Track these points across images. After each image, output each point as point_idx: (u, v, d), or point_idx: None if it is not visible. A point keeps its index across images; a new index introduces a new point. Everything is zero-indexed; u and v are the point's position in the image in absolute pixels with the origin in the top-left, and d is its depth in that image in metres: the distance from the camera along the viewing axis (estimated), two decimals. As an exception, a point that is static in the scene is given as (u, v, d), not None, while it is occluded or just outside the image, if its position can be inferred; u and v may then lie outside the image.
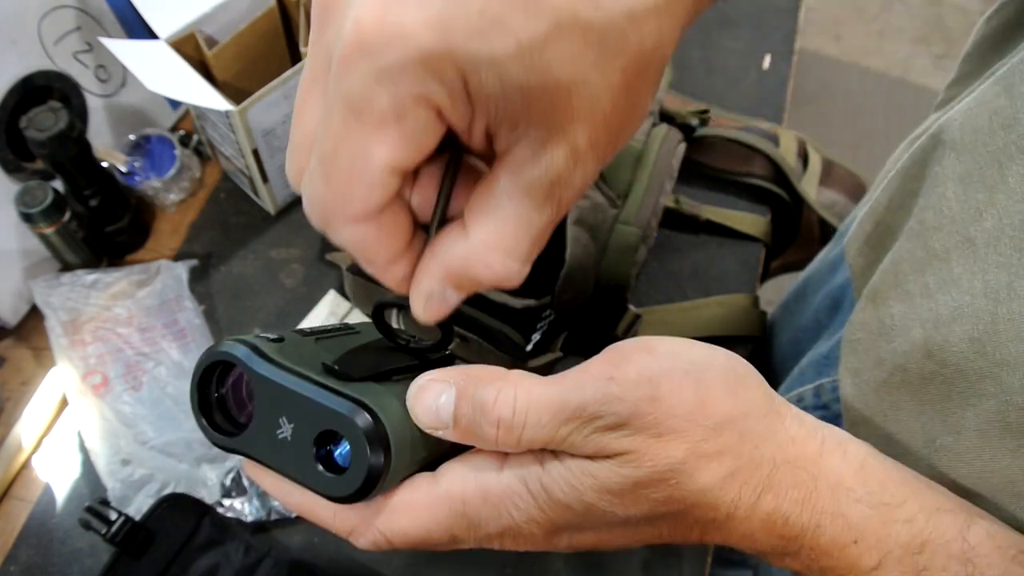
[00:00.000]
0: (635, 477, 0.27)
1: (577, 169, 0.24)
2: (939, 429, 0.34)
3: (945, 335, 0.33)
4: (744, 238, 0.80)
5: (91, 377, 0.70)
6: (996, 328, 0.30)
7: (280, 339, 0.31)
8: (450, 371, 0.30)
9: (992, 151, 0.32)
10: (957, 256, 0.33)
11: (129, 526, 0.59)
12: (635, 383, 0.27)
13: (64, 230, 0.70)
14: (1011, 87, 0.32)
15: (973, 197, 0.32)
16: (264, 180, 0.76)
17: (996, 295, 0.30)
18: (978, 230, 0.32)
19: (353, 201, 0.25)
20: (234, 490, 0.65)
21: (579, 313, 0.70)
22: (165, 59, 0.69)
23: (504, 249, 0.25)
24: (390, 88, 0.22)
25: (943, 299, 0.33)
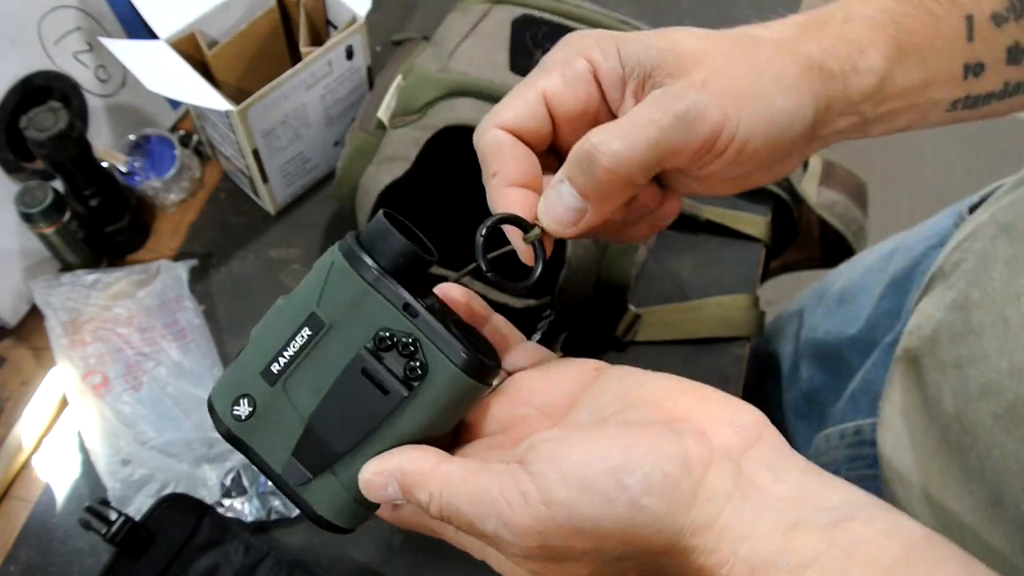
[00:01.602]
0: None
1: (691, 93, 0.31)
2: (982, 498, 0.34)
3: (975, 410, 0.34)
4: (744, 238, 0.80)
5: (91, 377, 0.70)
6: (1018, 408, 0.31)
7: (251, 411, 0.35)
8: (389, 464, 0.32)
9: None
10: (991, 334, 0.34)
11: (129, 526, 0.59)
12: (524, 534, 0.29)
13: (64, 230, 0.70)
14: None
15: (1016, 281, 0.34)
16: (264, 180, 0.76)
17: (1019, 375, 0.31)
18: (1013, 311, 0.33)
19: (507, 109, 0.33)
20: (234, 490, 0.65)
21: (579, 313, 0.70)
22: (165, 59, 0.69)
23: (617, 133, 0.31)
24: (567, 49, 0.34)
25: (972, 373, 0.34)
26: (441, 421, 0.34)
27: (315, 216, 0.81)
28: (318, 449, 0.34)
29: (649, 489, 0.29)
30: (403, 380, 0.33)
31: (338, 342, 0.33)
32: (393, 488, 0.32)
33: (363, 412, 0.33)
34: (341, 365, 0.33)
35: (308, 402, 0.34)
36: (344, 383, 0.33)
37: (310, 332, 0.34)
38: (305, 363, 0.34)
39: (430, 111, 0.65)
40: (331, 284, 0.33)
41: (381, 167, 0.66)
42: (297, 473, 0.34)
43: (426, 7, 0.95)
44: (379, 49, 0.91)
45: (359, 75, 0.77)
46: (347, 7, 0.73)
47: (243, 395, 0.35)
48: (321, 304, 0.33)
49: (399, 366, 0.33)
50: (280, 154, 0.76)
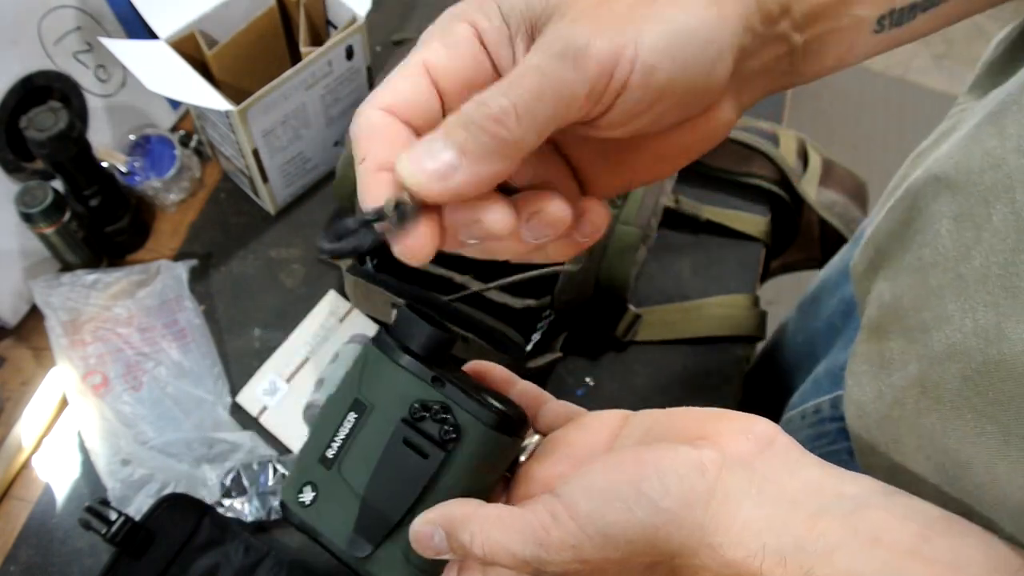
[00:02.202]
0: None
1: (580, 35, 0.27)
2: (945, 461, 0.34)
3: (940, 373, 0.33)
4: (744, 238, 0.80)
5: (91, 377, 0.70)
6: (988, 369, 0.31)
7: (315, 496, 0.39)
8: (434, 514, 0.34)
9: (981, 190, 0.32)
10: (950, 294, 0.33)
11: (129, 526, 0.59)
12: (559, 549, 0.31)
13: (64, 230, 0.70)
14: (1003, 128, 0.32)
15: (964, 235, 0.33)
16: (264, 180, 0.76)
17: (986, 335, 0.31)
18: (968, 268, 0.32)
19: (385, 88, 0.29)
20: (234, 490, 0.65)
21: (579, 313, 0.70)
22: (165, 59, 0.69)
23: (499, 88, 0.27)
24: (447, 16, 0.30)
25: (937, 336, 0.34)
26: (480, 476, 0.37)
27: (315, 216, 0.81)
28: (375, 521, 0.37)
29: (666, 492, 0.30)
30: (440, 443, 0.36)
31: (380, 419, 0.37)
32: (439, 536, 0.34)
33: (409, 478, 0.36)
34: (385, 439, 0.37)
35: (362, 478, 0.37)
36: (389, 454, 0.37)
37: (356, 415, 0.37)
38: (355, 444, 0.37)
39: (430, 111, 0.65)
40: (368, 371, 0.37)
41: (381, 167, 0.66)
42: (360, 546, 0.38)
43: (426, 7, 0.95)
44: (379, 49, 0.91)
45: (359, 75, 0.77)
46: (347, 7, 0.73)
47: (306, 483, 0.39)
48: (361, 390, 0.37)
49: (435, 431, 0.36)
50: (280, 154, 0.76)
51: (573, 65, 0.27)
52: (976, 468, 0.32)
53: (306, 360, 0.72)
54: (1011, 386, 0.30)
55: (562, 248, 0.32)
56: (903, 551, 0.29)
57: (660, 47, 0.27)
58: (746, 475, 0.31)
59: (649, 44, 0.27)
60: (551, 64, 0.27)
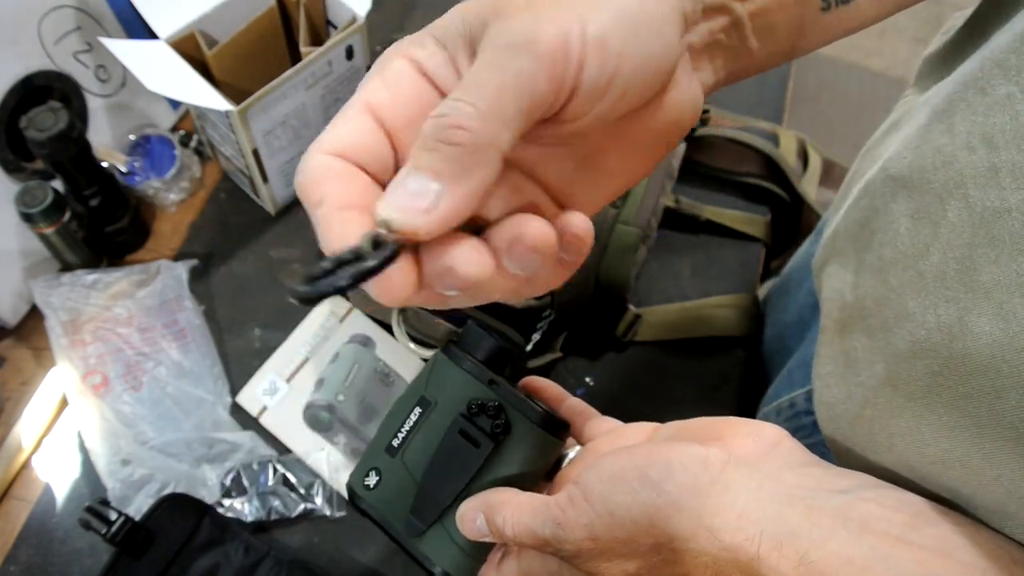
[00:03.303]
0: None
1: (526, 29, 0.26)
2: (920, 459, 0.34)
3: (908, 370, 0.34)
4: (744, 238, 0.80)
5: (91, 377, 0.70)
6: (954, 364, 0.31)
7: (378, 480, 0.43)
8: (476, 501, 0.39)
9: (935, 188, 0.33)
10: (910, 291, 0.34)
11: (129, 526, 0.59)
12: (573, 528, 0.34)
13: (64, 230, 0.70)
14: (952, 126, 0.32)
15: (921, 233, 0.33)
16: (264, 180, 0.76)
17: (950, 330, 0.31)
18: (927, 265, 0.33)
19: (329, 132, 0.28)
20: (234, 490, 0.65)
21: (579, 313, 0.70)
22: (165, 59, 0.69)
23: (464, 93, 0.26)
24: (382, 57, 0.29)
25: (900, 334, 0.34)
26: (523, 469, 0.41)
27: (315, 216, 0.81)
28: (429, 504, 0.41)
29: (669, 476, 0.33)
30: (491, 435, 0.40)
31: (441, 414, 0.42)
32: (480, 520, 0.38)
33: (461, 466, 0.41)
34: (443, 430, 0.41)
35: (420, 465, 0.42)
36: (446, 444, 0.41)
37: (420, 410, 0.42)
38: (417, 435, 0.42)
39: (430, 111, 0.65)
40: (435, 373, 0.43)
41: (381, 167, 0.66)
42: (414, 527, 0.42)
43: (426, 7, 0.95)
44: (379, 49, 0.91)
45: (359, 75, 0.77)
46: (347, 7, 0.73)
47: (372, 468, 0.43)
48: (428, 389, 0.43)
49: (487, 426, 0.41)
50: (280, 154, 0.76)
51: (525, 53, 0.26)
52: (951, 463, 0.32)
53: (306, 360, 0.72)
54: (980, 380, 0.30)
55: (551, 275, 0.31)
56: (892, 538, 0.30)
57: (605, 19, 0.27)
58: (749, 471, 0.33)
59: (594, 19, 0.27)
60: (503, 56, 0.26)
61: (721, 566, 0.32)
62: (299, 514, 0.66)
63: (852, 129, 2.04)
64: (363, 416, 0.67)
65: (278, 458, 0.67)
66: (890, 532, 0.30)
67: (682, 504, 0.32)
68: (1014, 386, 0.29)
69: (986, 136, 0.30)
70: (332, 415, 0.66)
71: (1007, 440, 0.30)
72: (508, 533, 0.36)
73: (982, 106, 0.31)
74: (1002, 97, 0.30)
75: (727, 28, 0.33)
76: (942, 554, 0.30)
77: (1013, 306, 0.29)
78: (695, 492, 0.32)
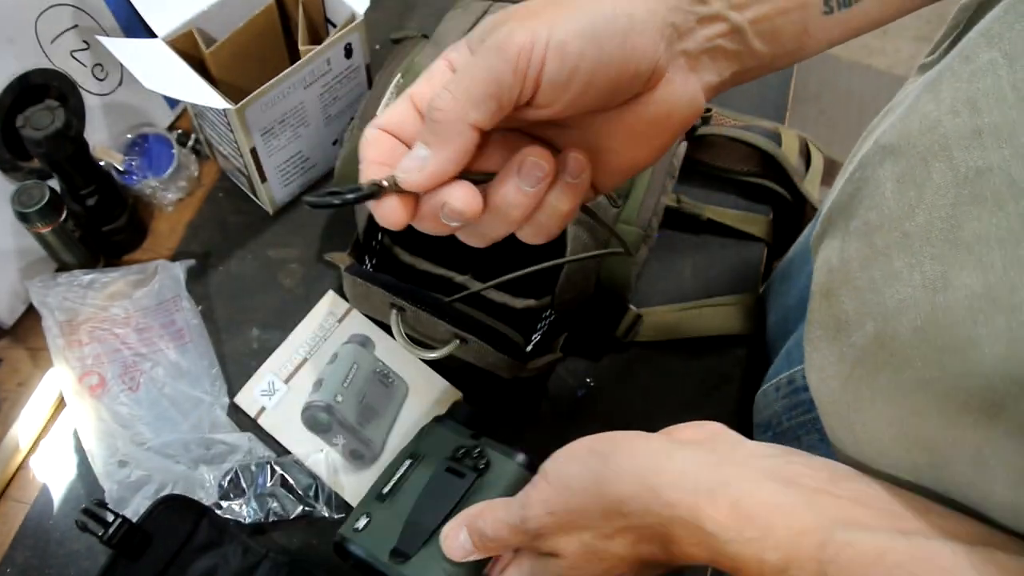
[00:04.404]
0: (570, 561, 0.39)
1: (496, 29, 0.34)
2: (900, 415, 0.36)
3: (894, 327, 0.35)
4: (746, 238, 0.80)
5: (88, 378, 0.70)
6: (936, 317, 0.33)
7: (368, 522, 0.48)
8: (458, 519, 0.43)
9: (920, 151, 0.35)
10: (897, 251, 0.35)
11: (126, 528, 0.58)
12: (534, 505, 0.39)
13: (61, 230, 0.69)
14: (937, 92, 0.34)
15: (906, 195, 0.35)
16: (262, 179, 0.76)
17: (933, 285, 0.33)
18: (912, 225, 0.34)
19: (382, 114, 0.38)
20: (232, 492, 0.65)
21: (579, 314, 0.70)
22: (163, 57, 0.68)
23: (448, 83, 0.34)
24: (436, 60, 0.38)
25: (888, 292, 0.36)
26: (503, 495, 0.46)
27: (314, 216, 0.81)
28: (415, 533, 0.46)
29: (615, 449, 0.38)
30: (474, 469, 0.48)
31: (429, 461, 0.50)
32: (464, 535, 0.42)
33: (447, 494, 0.47)
34: (431, 473, 0.49)
35: (408, 505, 0.47)
36: (434, 481, 0.48)
37: (411, 461, 0.51)
38: (407, 482, 0.49)
39: (429, 110, 0.64)
40: (424, 435, 0.53)
41: (380, 166, 0.65)
42: (400, 554, 0.45)
43: (425, 5, 0.94)
44: (378, 47, 0.90)
45: (358, 73, 0.77)
46: (346, 5, 0.72)
47: (362, 514, 0.49)
48: (418, 446, 0.52)
49: (471, 463, 0.49)
50: (278, 153, 0.75)
51: (497, 53, 0.33)
52: (929, 417, 0.34)
53: (305, 361, 0.72)
54: (956, 331, 0.32)
55: (563, 197, 0.37)
56: (815, 489, 0.35)
57: (570, 27, 0.33)
58: (690, 446, 0.38)
59: (562, 27, 0.33)
60: (482, 56, 0.34)
61: (666, 525, 0.35)
62: (297, 515, 0.65)
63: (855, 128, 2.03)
64: (362, 417, 0.66)
65: (276, 459, 0.67)
66: (813, 485, 0.35)
67: (625, 468, 0.37)
68: (988, 335, 0.30)
69: (970, 100, 0.32)
70: (331, 416, 0.65)
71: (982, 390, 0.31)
72: (489, 533, 0.41)
73: (966, 72, 0.33)
74: (985, 63, 0.31)
75: (727, 34, 0.37)
76: (861, 503, 0.35)
77: (992, 258, 0.30)
78: (638, 458, 0.37)
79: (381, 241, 0.72)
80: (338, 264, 0.69)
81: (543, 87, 0.34)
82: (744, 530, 0.34)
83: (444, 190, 0.35)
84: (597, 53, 0.34)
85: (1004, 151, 0.30)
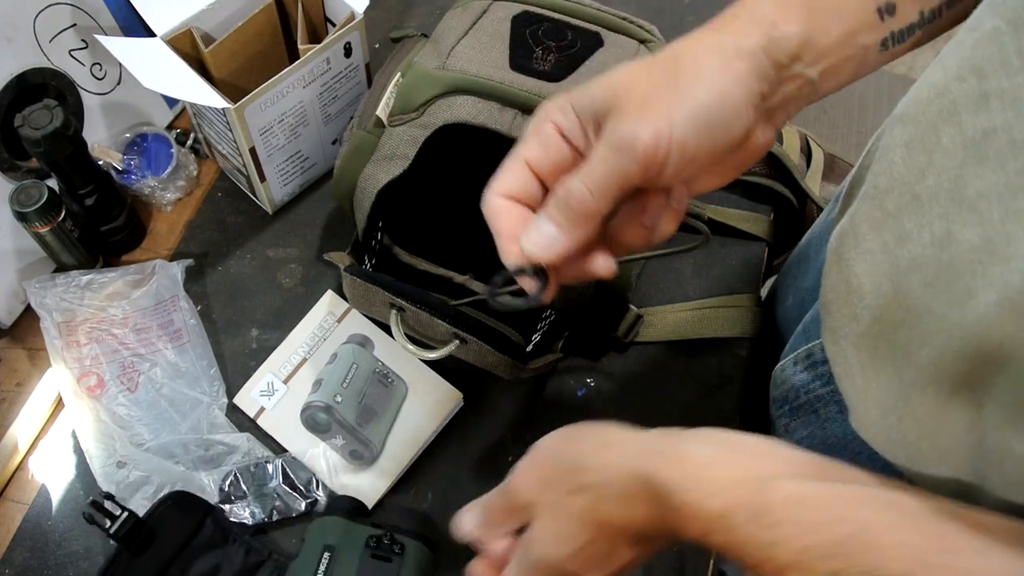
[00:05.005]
0: None
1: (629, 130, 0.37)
2: (910, 371, 0.38)
3: (907, 284, 0.37)
4: (747, 237, 0.80)
5: (86, 379, 0.69)
6: (942, 272, 0.35)
7: None
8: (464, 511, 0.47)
9: (929, 117, 0.36)
10: (907, 213, 0.37)
11: (132, 522, 0.58)
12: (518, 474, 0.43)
13: (59, 229, 0.69)
14: (944, 61, 0.36)
15: (916, 159, 0.37)
16: (262, 179, 0.76)
17: (940, 242, 0.35)
18: (922, 188, 0.36)
19: (501, 179, 0.41)
20: (233, 494, 0.65)
21: (580, 314, 0.69)
22: (162, 57, 0.68)
23: (580, 175, 0.38)
24: (536, 118, 0.41)
25: (900, 253, 0.38)
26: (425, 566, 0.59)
27: (313, 215, 0.81)
28: None
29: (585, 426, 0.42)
30: (393, 552, 0.57)
31: (348, 552, 0.58)
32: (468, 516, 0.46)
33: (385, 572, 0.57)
34: (357, 564, 0.57)
35: None
36: (364, 565, 0.57)
37: (329, 554, 0.57)
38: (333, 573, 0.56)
39: (429, 109, 0.64)
40: (327, 528, 0.59)
41: (379, 166, 0.65)
42: None
43: (425, 4, 0.94)
44: (378, 46, 0.90)
45: (357, 73, 0.77)
46: (345, 4, 0.72)
47: None
48: (325, 539, 0.58)
49: (387, 548, 0.57)
50: (278, 152, 0.75)
51: (627, 155, 0.37)
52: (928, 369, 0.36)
53: (304, 361, 0.71)
54: (959, 283, 0.33)
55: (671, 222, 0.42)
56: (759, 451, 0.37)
57: (688, 126, 0.37)
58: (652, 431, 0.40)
59: (680, 124, 0.37)
60: (612, 156, 0.37)
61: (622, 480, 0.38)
62: (299, 514, 0.65)
63: (855, 126, 2.03)
64: (361, 417, 0.66)
65: (276, 457, 0.67)
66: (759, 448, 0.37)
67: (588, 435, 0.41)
68: (984, 285, 0.32)
69: (976, 67, 0.34)
70: (330, 416, 0.65)
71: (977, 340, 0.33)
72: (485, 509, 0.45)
73: (971, 40, 0.34)
74: (989, 31, 0.33)
75: (801, 87, 0.40)
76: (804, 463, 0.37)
77: (991, 213, 0.32)
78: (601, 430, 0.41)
79: (381, 241, 0.72)
80: (337, 264, 0.69)
81: (663, 175, 0.38)
82: (688, 479, 0.36)
83: (589, 262, 0.42)
84: (711, 145, 0.38)
85: (1008, 113, 0.31)
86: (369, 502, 0.66)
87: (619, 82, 0.38)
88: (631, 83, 0.38)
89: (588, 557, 0.40)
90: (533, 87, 0.62)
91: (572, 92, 0.40)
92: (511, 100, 0.62)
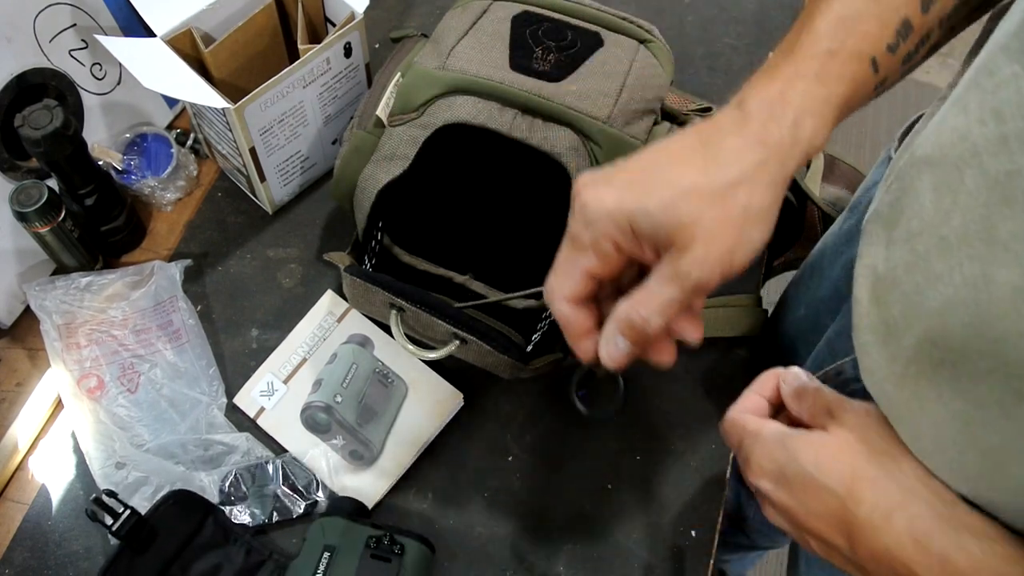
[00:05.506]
0: None
1: (695, 270, 0.41)
2: (961, 407, 0.38)
3: (943, 325, 0.38)
4: (747, 237, 0.79)
5: (87, 380, 0.69)
6: (981, 312, 0.35)
7: None
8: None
9: (953, 160, 0.38)
10: (935, 255, 0.38)
11: (135, 520, 0.58)
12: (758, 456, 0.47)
13: (59, 229, 0.69)
14: (966, 106, 0.38)
15: (943, 202, 0.38)
16: (261, 179, 0.76)
17: (975, 283, 0.35)
18: (948, 229, 0.37)
19: (565, 286, 0.46)
20: (233, 495, 0.65)
21: (580, 313, 0.69)
22: (162, 57, 0.68)
23: (644, 303, 0.43)
24: (591, 230, 0.44)
25: (932, 295, 0.38)
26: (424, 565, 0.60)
27: (313, 215, 0.81)
28: None
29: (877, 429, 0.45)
30: (393, 553, 0.58)
31: (348, 552, 0.58)
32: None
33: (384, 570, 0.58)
34: (356, 563, 0.58)
35: None
36: (364, 564, 0.58)
37: (329, 554, 0.58)
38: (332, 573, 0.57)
39: (429, 109, 0.64)
40: (328, 528, 0.60)
41: (379, 166, 0.65)
42: None
43: (425, 4, 0.94)
44: (378, 46, 0.90)
45: (357, 73, 0.77)
46: (345, 4, 0.72)
47: None
48: (327, 540, 0.59)
49: (387, 549, 0.58)
50: (277, 152, 0.75)
51: (680, 288, 0.42)
52: (990, 409, 0.36)
53: (304, 361, 0.71)
54: (1005, 324, 0.34)
55: None
56: None
57: (747, 261, 0.42)
58: None
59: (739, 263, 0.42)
60: (668, 288, 0.42)
61: None
62: (300, 515, 0.65)
63: (855, 126, 2.03)
64: (361, 417, 0.66)
65: (276, 457, 0.67)
66: None
67: None
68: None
69: (995, 111, 0.35)
70: (330, 416, 0.65)
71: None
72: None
73: (990, 85, 0.36)
74: (1007, 76, 0.35)
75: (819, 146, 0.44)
76: None
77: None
78: None
79: (380, 241, 0.72)
80: (337, 264, 0.69)
81: None
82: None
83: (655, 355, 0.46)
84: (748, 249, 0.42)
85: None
86: (369, 502, 0.66)
87: (684, 213, 0.41)
88: (693, 219, 0.41)
89: None
90: (533, 87, 0.62)
91: (626, 201, 0.43)
92: (511, 100, 0.62)
